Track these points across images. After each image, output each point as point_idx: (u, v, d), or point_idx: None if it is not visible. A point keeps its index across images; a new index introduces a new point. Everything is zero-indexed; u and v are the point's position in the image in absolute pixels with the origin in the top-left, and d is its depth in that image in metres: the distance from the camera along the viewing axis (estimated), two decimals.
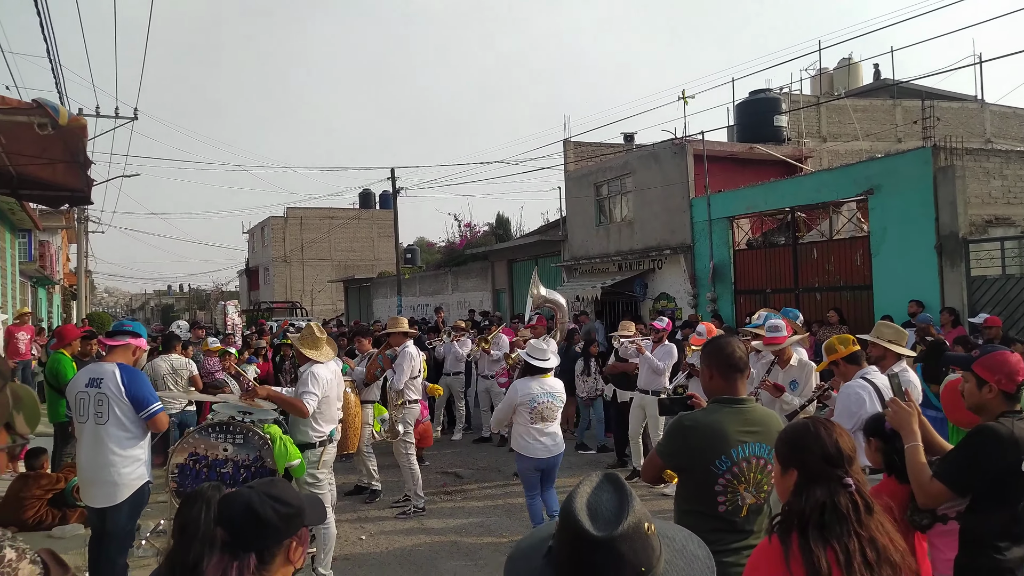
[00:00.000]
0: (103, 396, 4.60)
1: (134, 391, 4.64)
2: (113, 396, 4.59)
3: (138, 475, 4.70)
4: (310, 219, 46.83)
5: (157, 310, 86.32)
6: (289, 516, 1.93)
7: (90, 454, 4.64)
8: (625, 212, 19.51)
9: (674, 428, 2.93)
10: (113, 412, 4.59)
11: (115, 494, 4.62)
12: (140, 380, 4.76)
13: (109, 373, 4.64)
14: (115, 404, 4.60)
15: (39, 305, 26.82)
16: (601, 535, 1.26)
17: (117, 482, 4.61)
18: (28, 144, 5.76)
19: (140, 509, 4.89)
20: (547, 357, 6.11)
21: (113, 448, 4.59)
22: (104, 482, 4.62)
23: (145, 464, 4.78)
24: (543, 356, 6.11)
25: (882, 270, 13.01)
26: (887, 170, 13.03)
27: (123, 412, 4.62)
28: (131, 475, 4.66)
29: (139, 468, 4.72)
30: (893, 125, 22.40)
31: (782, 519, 2.09)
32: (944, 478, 2.83)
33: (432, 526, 7.08)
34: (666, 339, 8.78)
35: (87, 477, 4.71)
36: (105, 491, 4.63)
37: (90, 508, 4.79)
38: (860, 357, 4.47)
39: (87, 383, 4.65)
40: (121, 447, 4.61)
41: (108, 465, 4.59)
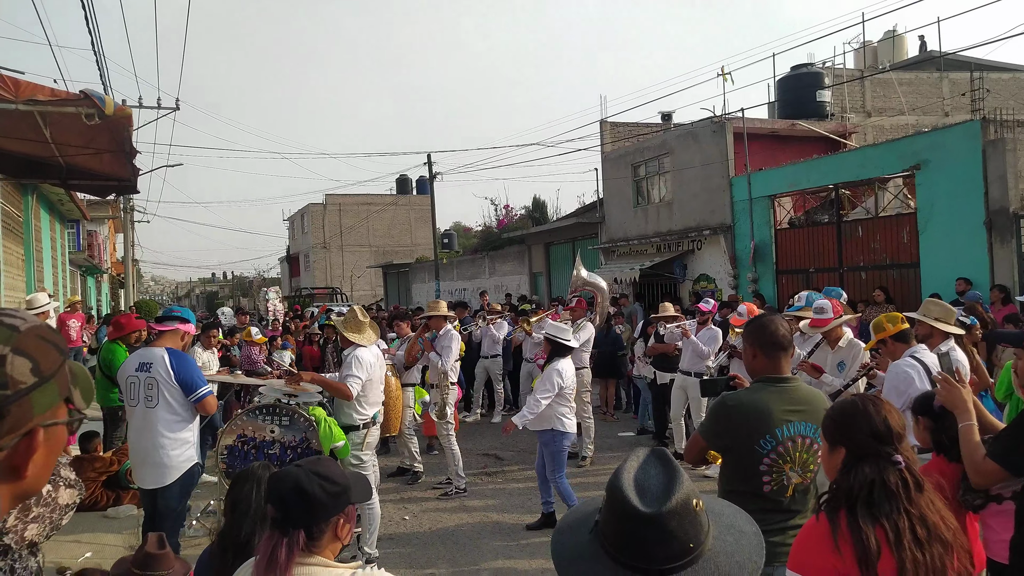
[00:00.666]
0: (153, 380, 4.72)
1: (183, 375, 4.76)
2: (163, 380, 4.71)
3: (187, 457, 4.82)
4: (348, 205, 47.25)
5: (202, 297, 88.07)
6: (336, 494, 1.96)
7: (141, 437, 4.77)
8: (663, 192, 19.31)
9: (717, 408, 2.90)
10: (163, 396, 4.71)
11: (165, 475, 4.75)
12: (189, 364, 4.87)
13: (159, 358, 4.76)
14: (164, 388, 4.72)
15: (88, 293, 27.58)
16: (650, 511, 1.25)
17: (167, 464, 4.74)
18: (76, 135, 5.90)
19: (190, 489, 5.03)
20: (570, 336, 6.35)
21: (163, 431, 4.71)
22: (155, 464, 4.74)
23: (194, 446, 4.91)
24: (567, 335, 6.33)
25: (929, 247, 12.70)
26: (934, 144, 12.69)
27: (172, 396, 4.74)
28: (180, 457, 4.78)
29: (188, 450, 4.84)
30: (940, 98, 21.78)
31: (830, 497, 2.07)
32: (997, 457, 2.76)
33: (474, 506, 7.16)
34: (711, 322, 8.68)
35: (138, 459, 4.84)
36: (156, 473, 4.76)
37: (142, 490, 4.93)
38: (909, 335, 4.38)
39: (137, 367, 4.78)
40: (171, 430, 4.73)
41: (158, 447, 4.71)
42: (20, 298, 12.35)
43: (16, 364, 1.01)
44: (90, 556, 5.55)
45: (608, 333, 11.09)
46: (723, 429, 2.86)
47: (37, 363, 1.04)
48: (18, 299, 12.21)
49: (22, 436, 1.02)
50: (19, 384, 1.01)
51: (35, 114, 5.19)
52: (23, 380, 1.01)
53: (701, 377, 8.37)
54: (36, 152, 6.94)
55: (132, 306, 26.20)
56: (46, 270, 16.04)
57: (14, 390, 1.00)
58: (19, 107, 4.66)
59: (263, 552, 1.92)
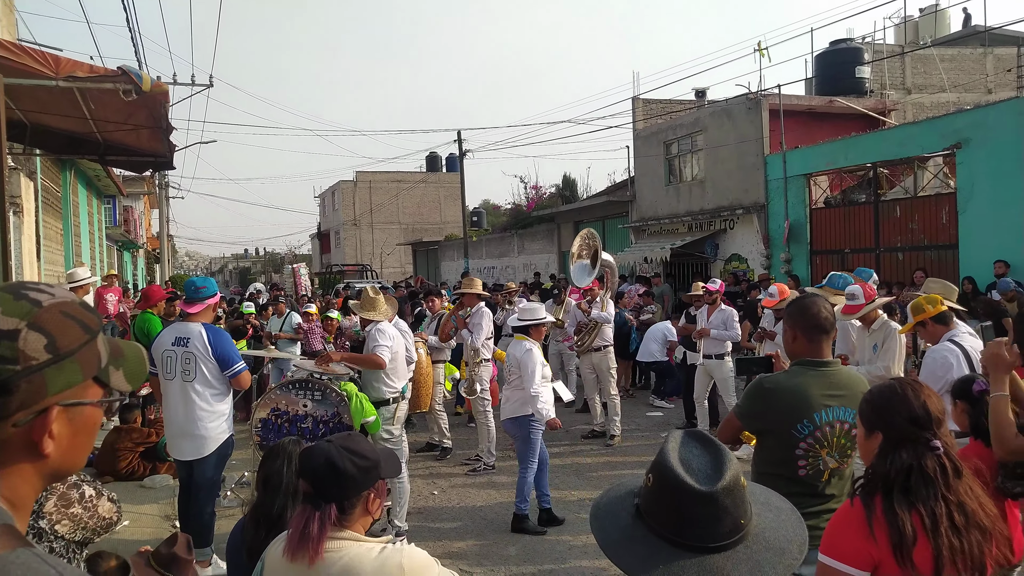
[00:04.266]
0: (190, 355, 4.81)
1: (220, 350, 4.86)
2: (200, 355, 4.80)
3: (223, 429, 4.94)
4: (379, 183, 47.41)
5: (235, 273, 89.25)
6: (367, 468, 1.99)
7: (178, 410, 4.86)
8: (696, 171, 19.09)
9: (754, 390, 2.87)
10: (200, 370, 4.81)
11: (203, 447, 4.86)
12: (225, 340, 4.97)
13: (196, 333, 4.84)
14: (202, 362, 4.81)
15: (124, 268, 28.08)
16: (705, 489, 1.26)
17: (205, 435, 4.85)
18: (114, 111, 5.98)
19: (225, 460, 5.15)
20: (525, 318, 6.20)
21: (200, 404, 4.82)
22: (193, 436, 4.85)
23: (228, 419, 5.01)
24: (522, 316, 6.23)
25: (969, 228, 12.43)
26: (976, 123, 12.36)
27: (209, 370, 4.84)
28: (217, 429, 4.89)
29: (224, 423, 4.95)
30: (983, 75, 21.18)
31: (865, 482, 2.05)
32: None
33: (502, 483, 7.21)
34: (721, 302, 8.54)
35: (176, 431, 4.94)
36: (194, 444, 4.86)
37: (179, 462, 5.05)
38: (948, 318, 4.31)
39: (174, 342, 4.86)
40: (208, 403, 4.84)
41: (196, 420, 4.81)
42: (59, 272, 12.62)
43: (30, 339, 0.98)
44: (127, 524, 5.70)
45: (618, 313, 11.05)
46: (760, 411, 2.83)
47: (54, 339, 1.00)
48: (57, 273, 12.47)
49: (36, 414, 1.00)
50: (30, 360, 0.98)
51: (75, 91, 5.26)
52: (35, 356, 0.98)
53: (724, 359, 8.32)
54: (75, 128, 7.05)
55: (167, 280, 26.63)
56: (84, 245, 16.35)
57: (24, 365, 0.97)
58: (59, 84, 4.72)
59: (295, 526, 1.96)
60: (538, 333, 6.19)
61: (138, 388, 6.91)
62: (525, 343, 6.06)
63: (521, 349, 6.02)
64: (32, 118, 6.81)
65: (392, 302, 6.09)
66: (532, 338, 6.11)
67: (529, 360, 5.92)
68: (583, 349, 9.10)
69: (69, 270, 10.86)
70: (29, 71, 4.60)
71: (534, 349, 6.06)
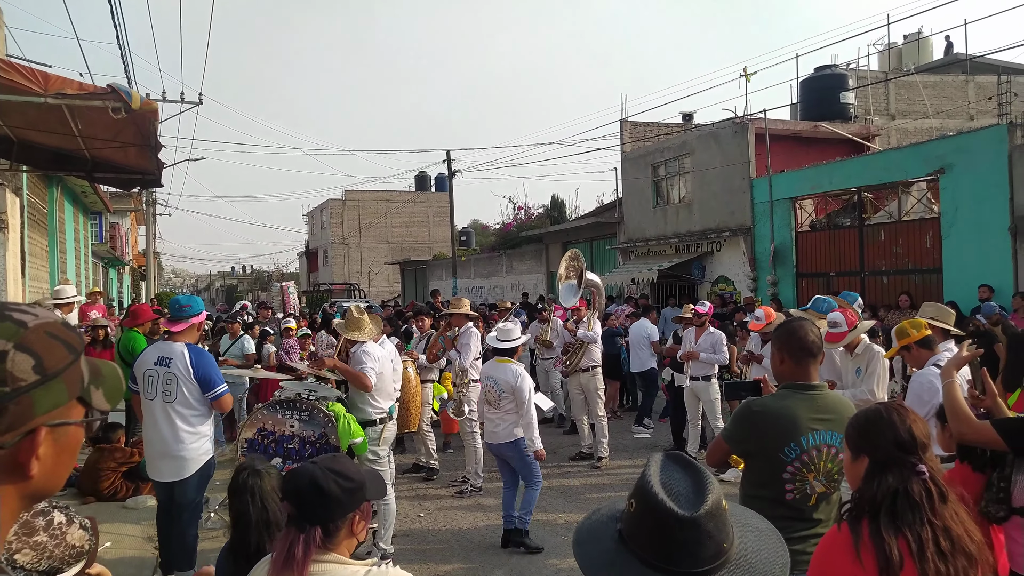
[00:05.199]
0: (172, 375, 4.75)
1: (202, 372, 4.79)
2: (182, 376, 4.74)
3: (204, 450, 4.87)
4: (367, 202, 47.43)
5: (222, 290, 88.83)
6: (352, 490, 1.97)
7: (158, 430, 4.80)
8: (683, 193, 19.22)
9: (742, 413, 2.88)
10: (181, 391, 4.75)
11: (183, 468, 4.79)
12: (207, 362, 4.90)
13: (178, 353, 4.79)
14: (183, 384, 4.75)
15: (110, 285, 27.89)
16: (688, 514, 1.26)
17: (186, 457, 4.78)
18: (102, 128, 5.97)
19: (207, 482, 5.07)
20: (508, 339, 6.15)
21: (181, 425, 4.75)
22: (173, 457, 4.78)
23: (211, 440, 4.95)
24: (504, 338, 6.17)
25: (953, 253, 12.56)
26: (959, 148, 12.54)
27: (190, 392, 4.77)
28: (198, 450, 4.83)
29: (205, 443, 4.88)
30: (965, 102, 21.50)
31: (852, 506, 2.05)
32: (998, 424, 2.82)
33: (489, 505, 7.16)
34: (709, 324, 8.58)
35: (155, 452, 4.87)
36: (174, 465, 4.80)
37: (158, 483, 4.96)
38: (932, 342, 4.34)
39: (156, 361, 4.81)
40: (189, 424, 4.78)
41: (177, 441, 4.75)
42: (44, 289, 12.52)
43: (17, 361, 0.98)
44: (109, 546, 5.61)
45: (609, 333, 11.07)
46: (747, 434, 2.84)
47: (41, 360, 1.00)
48: (41, 290, 12.37)
49: (23, 435, 0.99)
50: (19, 381, 0.98)
51: (63, 107, 5.26)
52: (23, 377, 0.98)
53: (711, 381, 8.35)
54: (63, 145, 7.03)
55: (153, 298, 26.46)
56: (69, 261, 16.23)
57: (13, 387, 0.97)
58: (48, 100, 4.71)
59: (280, 549, 1.94)
60: (518, 353, 6.27)
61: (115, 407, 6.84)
62: (512, 367, 6.06)
63: (512, 375, 6.00)
64: (19, 134, 6.79)
65: (377, 321, 6.06)
66: (515, 359, 6.13)
67: (525, 387, 5.96)
68: (571, 369, 9.10)
69: (56, 287, 10.78)
70: (17, 87, 4.59)
71: (525, 375, 6.08)
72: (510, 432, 5.98)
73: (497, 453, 6.19)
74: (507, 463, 6.16)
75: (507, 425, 5.98)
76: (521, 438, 5.98)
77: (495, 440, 6.07)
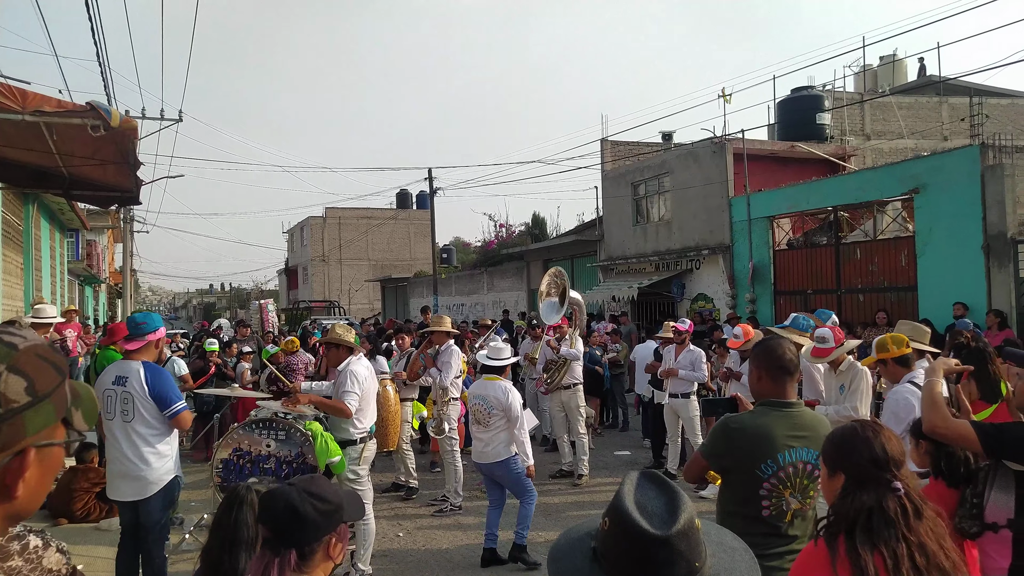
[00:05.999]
0: (128, 395, 4.66)
1: (158, 390, 4.70)
2: (137, 395, 4.65)
3: (166, 470, 4.76)
4: (348, 219, 47.34)
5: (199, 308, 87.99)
6: (328, 512, 1.95)
7: (118, 450, 4.70)
8: (663, 212, 19.37)
9: (719, 430, 2.90)
10: (138, 410, 4.65)
11: (144, 489, 4.68)
12: (164, 379, 4.80)
13: (134, 372, 4.70)
14: (139, 402, 4.65)
15: (86, 303, 27.54)
16: (660, 533, 1.26)
17: (146, 477, 4.68)
18: (80, 145, 5.92)
19: (172, 503, 4.96)
20: (498, 357, 6.13)
21: (141, 445, 4.66)
22: (133, 477, 4.68)
23: (172, 459, 4.84)
24: (495, 356, 6.16)
25: (927, 271, 12.74)
26: (933, 168, 12.76)
27: (148, 410, 4.68)
28: (160, 470, 4.72)
29: (167, 463, 4.77)
30: (939, 123, 21.91)
31: (829, 523, 2.06)
32: (977, 425, 2.85)
33: (468, 523, 7.12)
34: (689, 342, 8.62)
35: (116, 472, 4.76)
36: (135, 486, 4.69)
37: (121, 504, 4.85)
38: (910, 360, 4.39)
39: (113, 381, 4.72)
40: (148, 443, 4.67)
41: (137, 460, 4.65)
42: (19, 307, 12.34)
43: (10, 383, 1.00)
44: (81, 568, 5.51)
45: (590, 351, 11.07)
46: (724, 451, 2.85)
47: (32, 382, 1.02)
48: (16, 308, 12.19)
49: (13, 455, 1.00)
50: (12, 403, 0.99)
51: (40, 125, 5.21)
52: (16, 399, 0.99)
53: (687, 396, 8.38)
54: (40, 162, 6.96)
55: None
56: (44, 279, 16.02)
57: (6, 408, 0.98)
58: (26, 118, 4.68)
59: (254, 572, 1.92)
60: (507, 372, 6.22)
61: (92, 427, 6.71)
62: (501, 383, 6.03)
63: (501, 391, 5.97)
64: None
65: (361, 346, 6.03)
66: (503, 376, 6.11)
67: (515, 403, 5.95)
68: (552, 387, 9.10)
69: (36, 306, 10.61)
70: None
71: (515, 391, 6.07)
72: (499, 451, 5.93)
73: (487, 473, 6.12)
74: (495, 482, 6.11)
75: (498, 444, 5.93)
76: (512, 456, 5.94)
77: (485, 460, 6.01)
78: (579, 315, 9.85)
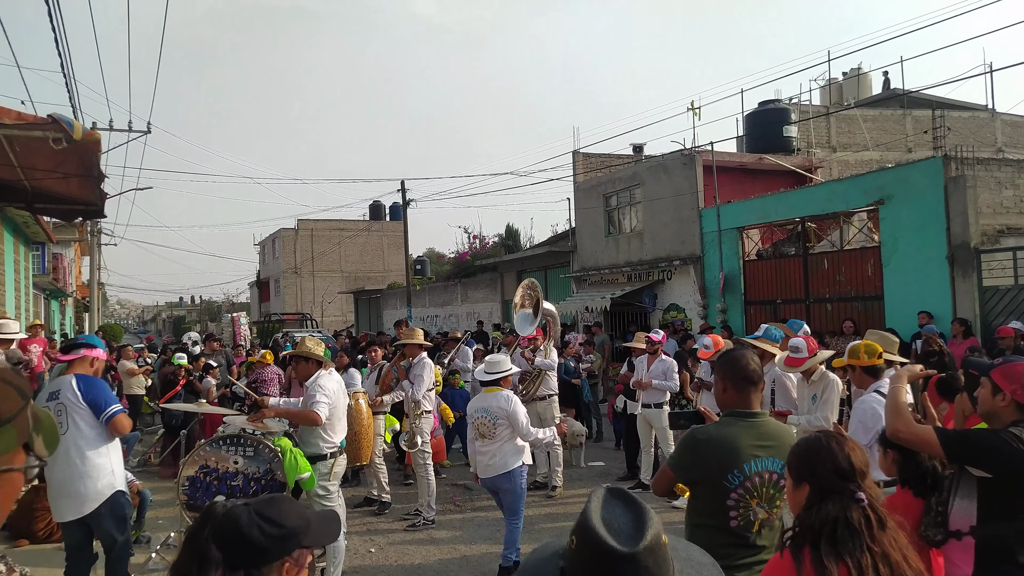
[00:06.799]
0: (61, 406, 4.53)
1: (91, 396, 4.58)
2: (70, 404, 4.53)
3: (106, 483, 4.60)
4: (321, 231, 47.05)
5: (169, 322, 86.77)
6: (279, 538, 1.88)
7: (55, 467, 4.53)
8: (634, 223, 19.50)
9: (686, 441, 2.92)
10: (72, 421, 4.51)
11: (83, 505, 4.53)
12: (97, 385, 4.69)
13: (67, 384, 4.60)
14: (73, 412, 4.53)
15: (52, 317, 27.02)
16: (627, 550, 1.25)
17: (84, 492, 4.53)
18: (43, 159, 5.83)
19: (123, 516, 4.77)
20: (495, 371, 6.08)
21: (75, 458, 4.51)
22: (71, 495, 4.53)
23: (113, 473, 4.67)
24: (492, 370, 6.11)
25: (893, 280, 12.94)
26: (898, 180, 12.99)
27: (82, 418, 4.54)
28: (98, 483, 4.57)
29: (106, 477, 4.61)
30: (903, 135, 22.33)
31: (794, 534, 2.08)
32: (940, 431, 2.89)
33: (441, 538, 7.07)
34: (662, 352, 8.67)
35: (54, 491, 4.62)
36: (73, 503, 4.55)
37: (64, 525, 4.68)
38: (879, 371, 4.44)
39: (48, 398, 4.60)
40: (83, 458, 4.53)
41: (73, 477, 4.51)
42: None
43: None
44: None
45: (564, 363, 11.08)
46: (692, 463, 2.87)
47: None
48: None
49: None
50: None
51: (0, 137, 5.12)
52: None
53: (659, 407, 8.42)
54: (1, 175, 6.84)
55: (97, 330, 25.70)
56: (8, 293, 15.69)
57: None
58: None
59: None
60: (507, 383, 6.18)
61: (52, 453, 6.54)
62: (502, 393, 5.98)
63: (504, 400, 5.91)
64: None
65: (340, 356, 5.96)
66: (505, 387, 6.08)
67: (519, 411, 5.90)
68: (527, 398, 9.08)
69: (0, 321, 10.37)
70: None
71: (517, 399, 6.02)
72: (505, 462, 5.86)
73: (491, 487, 6.04)
74: (497, 496, 6.05)
75: (505, 455, 5.86)
76: (519, 467, 5.88)
77: (489, 473, 5.92)
78: (553, 326, 9.87)
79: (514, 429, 5.86)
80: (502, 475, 5.88)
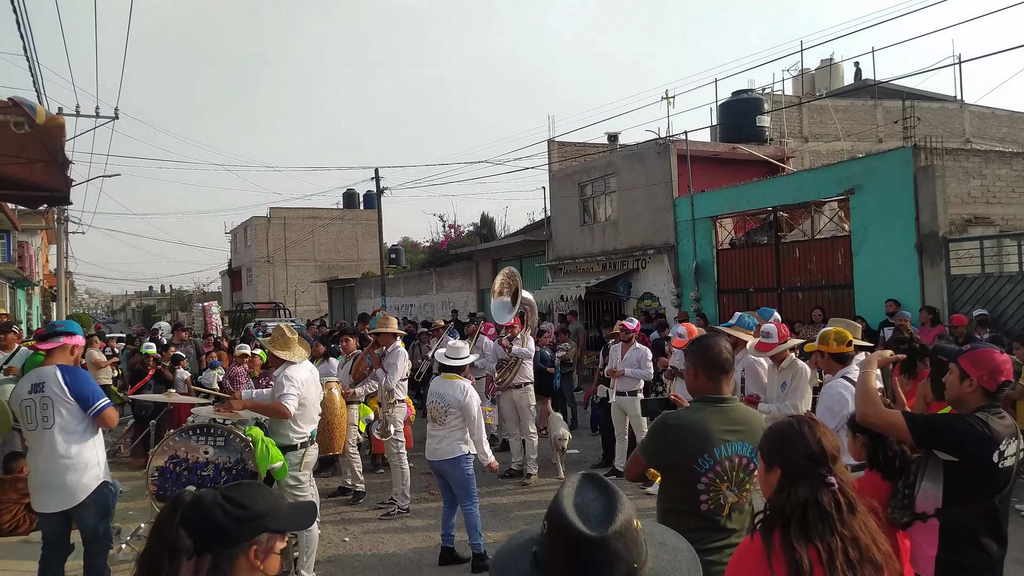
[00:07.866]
0: (47, 400, 4.47)
1: (78, 389, 4.52)
2: (57, 398, 4.47)
3: (93, 476, 4.57)
4: (293, 219, 46.59)
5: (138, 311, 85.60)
6: (242, 519, 1.85)
7: (40, 460, 4.50)
8: (609, 212, 19.55)
9: (657, 426, 2.93)
10: (59, 414, 4.46)
11: (70, 497, 4.50)
12: (83, 378, 4.63)
13: (51, 375, 4.52)
14: (60, 406, 4.47)
15: (18, 307, 26.51)
16: (596, 534, 1.25)
17: (71, 485, 4.49)
18: (5, 144, 5.68)
19: (107, 509, 4.74)
20: (457, 356, 6.09)
21: (61, 453, 4.46)
22: (56, 487, 4.48)
23: (99, 464, 4.64)
24: (453, 355, 6.11)
25: (863, 269, 13.12)
26: (868, 170, 13.14)
27: (69, 412, 4.49)
28: (86, 476, 4.53)
29: (93, 470, 4.58)
30: (874, 125, 22.60)
31: (765, 517, 2.09)
32: (908, 416, 2.98)
33: (416, 526, 7.06)
34: (636, 340, 8.71)
35: (39, 482, 4.56)
36: (59, 496, 4.50)
37: (44, 515, 4.63)
38: (848, 359, 4.50)
39: (30, 390, 4.52)
40: (69, 451, 4.48)
41: (60, 470, 4.46)
42: None
43: None
44: None
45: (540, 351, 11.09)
46: (663, 447, 2.88)
47: None
48: None
49: None
50: None
51: None
52: None
53: (634, 395, 8.48)
54: None
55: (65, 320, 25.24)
56: None
57: None
58: None
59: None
60: (467, 371, 6.17)
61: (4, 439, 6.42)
62: (460, 382, 5.97)
63: (459, 390, 5.90)
64: None
65: (306, 346, 5.89)
66: (463, 376, 6.07)
67: (473, 403, 5.89)
68: (504, 386, 9.10)
69: None
70: None
71: (473, 391, 6.02)
72: (453, 448, 5.87)
73: (437, 470, 6.06)
74: (446, 481, 6.07)
75: (451, 441, 5.87)
76: (463, 455, 5.89)
77: (436, 456, 5.94)
78: (531, 315, 9.88)
79: (465, 420, 5.87)
80: (447, 460, 5.90)
